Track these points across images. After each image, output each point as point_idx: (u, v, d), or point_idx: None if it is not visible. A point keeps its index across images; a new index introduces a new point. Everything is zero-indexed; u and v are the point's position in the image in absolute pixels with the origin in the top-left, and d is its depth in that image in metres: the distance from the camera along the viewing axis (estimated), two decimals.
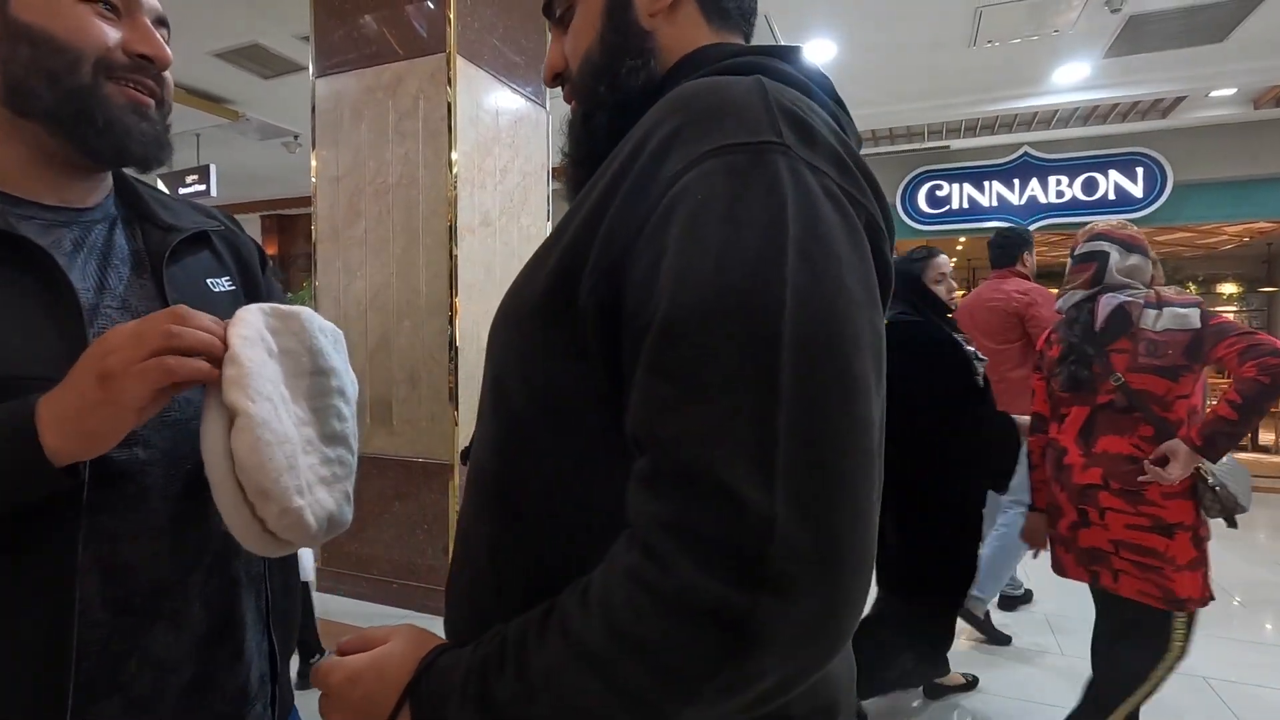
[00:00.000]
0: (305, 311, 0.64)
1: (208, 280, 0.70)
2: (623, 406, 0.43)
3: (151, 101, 0.63)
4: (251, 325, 0.58)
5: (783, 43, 4.44)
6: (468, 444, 0.65)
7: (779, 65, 0.52)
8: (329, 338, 0.66)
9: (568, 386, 0.47)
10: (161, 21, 0.65)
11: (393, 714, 0.45)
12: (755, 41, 0.62)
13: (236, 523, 0.54)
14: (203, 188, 5.56)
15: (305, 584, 2.31)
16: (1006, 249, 3.01)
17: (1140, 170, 6.24)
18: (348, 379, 0.67)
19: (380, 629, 0.51)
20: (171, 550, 0.60)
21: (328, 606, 2.97)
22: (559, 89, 0.64)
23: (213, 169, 5.55)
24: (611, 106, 0.57)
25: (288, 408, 0.59)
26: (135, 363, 0.49)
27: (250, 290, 0.75)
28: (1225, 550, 4.03)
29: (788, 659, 0.37)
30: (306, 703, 0.83)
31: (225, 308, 0.69)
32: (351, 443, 0.65)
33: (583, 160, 0.60)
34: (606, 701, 0.38)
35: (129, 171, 0.68)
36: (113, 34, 0.60)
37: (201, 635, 0.63)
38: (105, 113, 0.59)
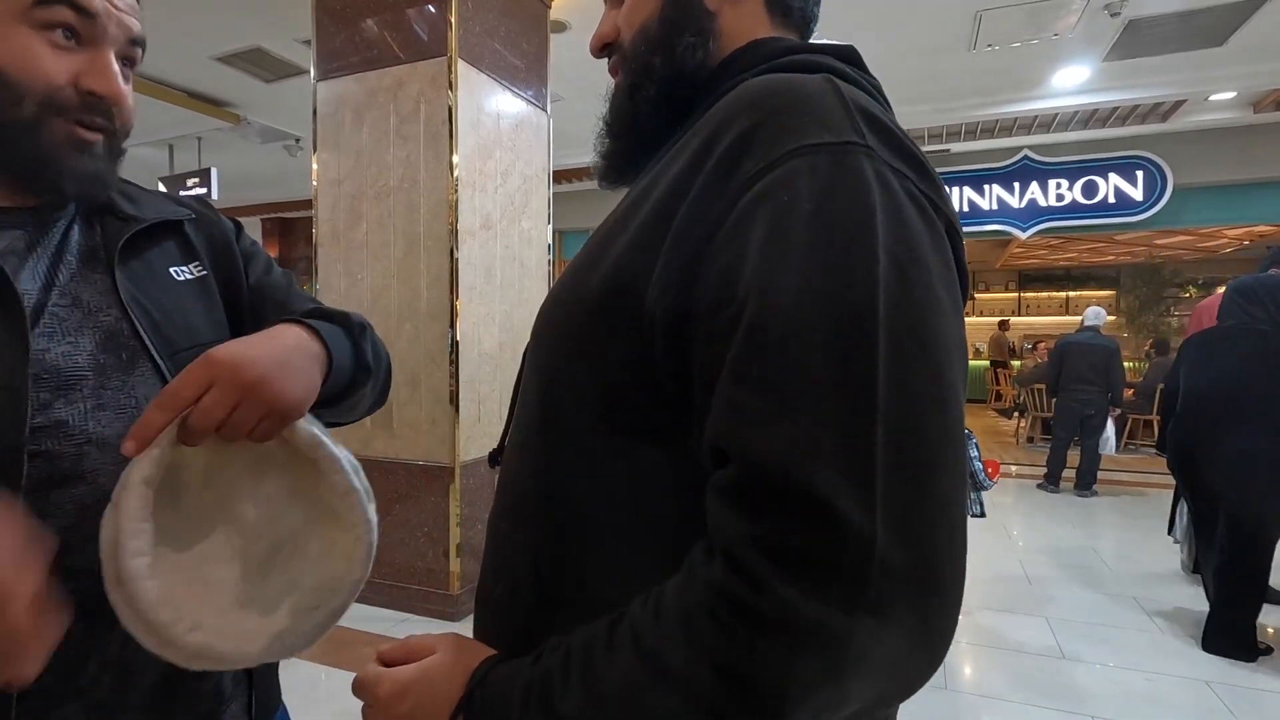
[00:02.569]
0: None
1: (171, 269, 0.68)
2: (686, 414, 0.42)
3: (98, 137, 0.60)
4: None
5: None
6: (495, 447, 0.64)
7: (840, 66, 0.51)
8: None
9: (627, 394, 0.45)
10: (136, 43, 0.62)
11: None
12: None
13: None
14: (204, 191, 5.57)
15: None
16: None
17: (1140, 174, 6.25)
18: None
19: (424, 638, 0.49)
20: None
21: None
22: (609, 64, 0.62)
23: (214, 172, 5.56)
24: (662, 80, 0.56)
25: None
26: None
27: (227, 273, 0.73)
28: None
29: (883, 680, 0.36)
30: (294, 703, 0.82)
31: (190, 295, 0.69)
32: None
33: (623, 133, 0.59)
34: (686, 718, 0.36)
35: None
36: (65, 69, 0.57)
37: None
38: (40, 151, 0.57)
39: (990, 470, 3.22)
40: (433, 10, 2.93)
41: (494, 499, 0.57)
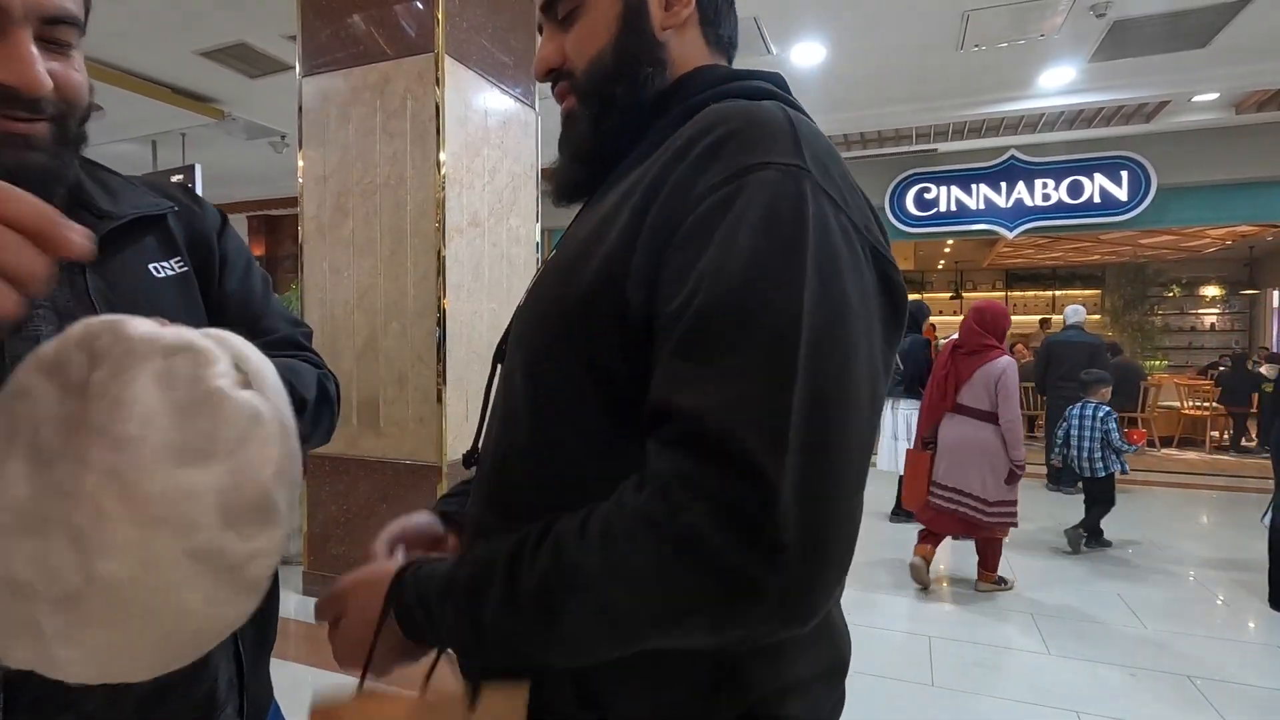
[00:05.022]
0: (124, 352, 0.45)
1: (151, 266, 0.66)
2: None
3: (34, 127, 0.55)
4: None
5: (771, 46, 4.42)
6: (470, 448, 0.66)
7: (777, 91, 0.58)
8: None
9: (623, 387, 0.49)
10: (55, 20, 0.56)
11: (380, 617, 0.51)
12: (742, 44, 0.64)
13: None
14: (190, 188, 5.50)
15: None
16: None
17: (1125, 174, 6.31)
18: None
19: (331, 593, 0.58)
20: None
21: (313, 610, 2.94)
22: (553, 87, 0.65)
23: (198, 169, 5.49)
24: (625, 109, 0.61)
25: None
26: None
27: (201, 270, 0.71)
28: (1209, 549, 4.08)
29: (758, 619, 0.41)
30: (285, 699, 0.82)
31: (171, 293, 0.67)
32: None
33: (587, 158, 0.63)
34: (587, 621, 0.43)
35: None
36: None
37: None
38: None
39: (1135, 437, 4.19)
40: (420, 6, 2.91)
41: (473, 497, 0.61)
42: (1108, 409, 3.95)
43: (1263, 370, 7.67)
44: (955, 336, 3.47)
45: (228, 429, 0.46)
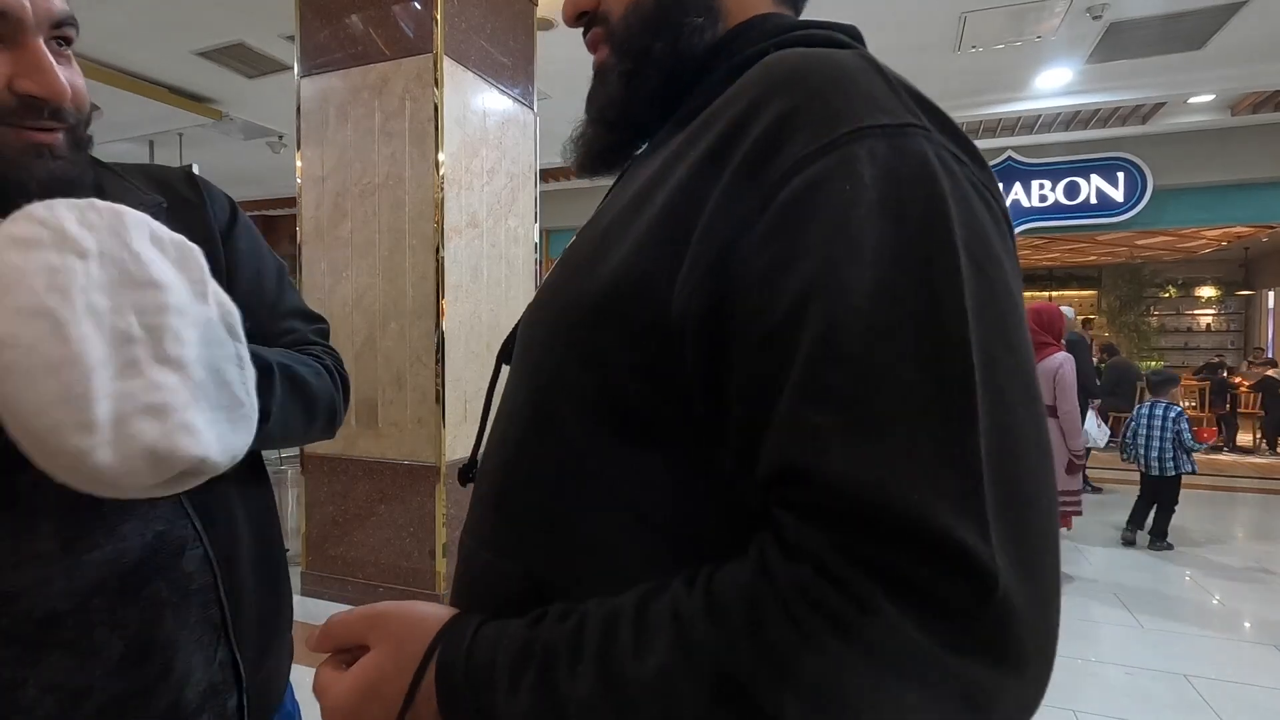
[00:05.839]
0: (133, 215, 0.54)
1: None
2: (713, 424, 0.38)
3: (57, 137, 0.56)
4: (44, 220, 0.48)
5: None
6: (466, 462, 0.58)
7: (858, 48, 0.46)
8: (167, 249, 0.55)
9: (647, 408, 0.40)
10: (62, 23, 0.57)
11: (409, 691, 0.38)
12: None
13: (30, 451, 0.47)
14: None
15: None
16: None
17: (1121, 175, 6.33)
18: (189, 298, 0.55)
19: (345, 624, 0.43)
20: (64, 577, 0.55)
21: (312, 610, 2.94)
22: (585, 34, 0.56)
23: (196, 169, 5.49)
24: (664, 66, 0.50)
25: (100, 320, 0.49)
26: None
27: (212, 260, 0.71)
28: (1204, 550, 4.09)
29: None
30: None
31: None
32: (192, 370, 0.53)
33: (616, 122, 0.53)
34: None
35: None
36: None
37: (116, 659, 0.58)
38: (2, 170, 0.53)
39: (1205, 436, 4.10)
40: (418, 7, 2.91)
41: (468, 518, 0.51)
42: (1179, 409, 4.03)
43: (1271, 374, 7.83)
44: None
45: (199, 270, 0.58)
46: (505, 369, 0.54)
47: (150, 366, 0.51)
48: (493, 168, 3.20)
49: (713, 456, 0.38)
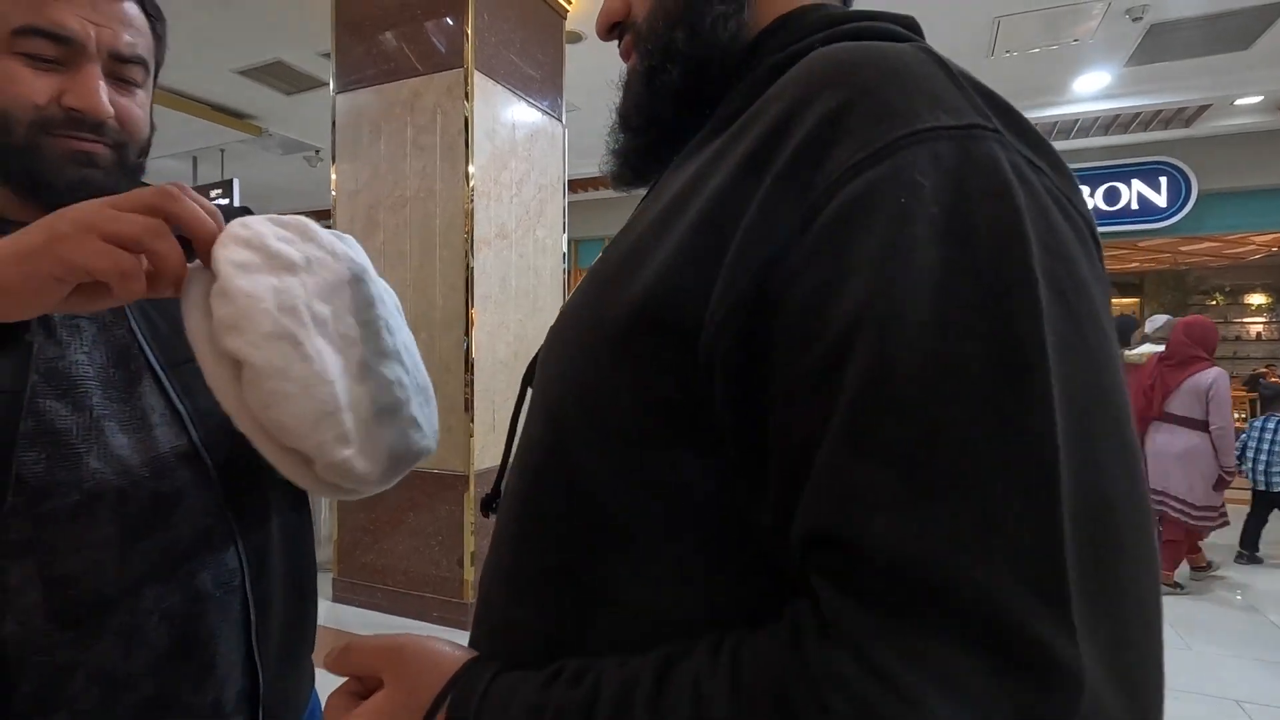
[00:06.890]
0: (304, 220, 0.55)
1: None
2: (755, 481, 0.33)
3: (100, 148, 0.60)
4: (249, 240, 0.47)
5: None
6: (489, 492, 0.55)
7: (917, 40, 0.41)
8: (335, 243, 0.55)
9: (660, 426, 0.35)
10: (125, 60, 0.61)
11: None
12: None
13: (287, 471, 0.49)
14: (226, 201, 5.66)
15: None
16: None
17: (1164, 180, 6.15)
18: (382, 282, 0.58)
19: (365, 650, 0.41)
20: (119, 562, 0.57)
21: (342, 617, 2.97)
22: (619, 46, 0.54)
23: (236, 183, 5.66)
24: (687, 61, 0.45)
25: (326, 331, 0.49)
26: (91, 227, 0.43)
27: None
28: (1262, 571, 3.92)
29: None
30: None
31: None
32: (405, 357, 0.56)
33: (642, 127, 0.49)
34: None
35: None
36: (47, 88, 0.57)
37: (162, 651, 0.59)
38: (41, 172, 0.58)
39: None
40: (450, 22, 2.96)
41: (489, 558, 0.47)
42: None
43: None
44: (1162, 349, 3.73)
45: (361, 255, 0.58)
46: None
47: (377, 364, 0.53)
48: (521, 179, 3.23)
49: (745, 508, 0.34)
